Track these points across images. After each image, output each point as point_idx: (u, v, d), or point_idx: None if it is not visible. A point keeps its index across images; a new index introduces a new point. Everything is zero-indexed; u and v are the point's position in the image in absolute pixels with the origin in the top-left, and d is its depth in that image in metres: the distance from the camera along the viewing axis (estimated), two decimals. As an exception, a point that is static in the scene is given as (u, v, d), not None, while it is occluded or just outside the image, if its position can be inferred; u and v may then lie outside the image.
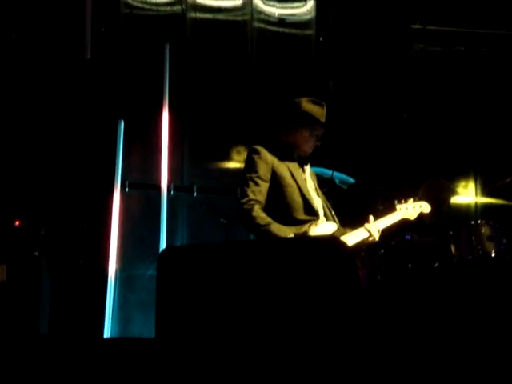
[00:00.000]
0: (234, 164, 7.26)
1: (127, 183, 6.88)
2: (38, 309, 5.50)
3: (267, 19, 7.43)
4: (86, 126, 6.75)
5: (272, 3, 7.44)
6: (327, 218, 4.65)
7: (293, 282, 3.02)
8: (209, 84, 7.16)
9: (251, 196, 4.48)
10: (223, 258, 3.12)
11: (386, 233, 4.71)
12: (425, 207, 4.98)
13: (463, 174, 7.32)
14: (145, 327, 6.38)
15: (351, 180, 6.02)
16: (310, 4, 7.45)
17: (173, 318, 2.98)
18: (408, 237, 5.41)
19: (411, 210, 4.90)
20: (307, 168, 4.79)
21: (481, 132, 7.34)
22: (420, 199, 5.02)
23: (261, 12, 7.41)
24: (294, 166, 4.68)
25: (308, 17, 7.46)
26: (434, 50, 7.50)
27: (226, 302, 3.02)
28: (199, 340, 2.94)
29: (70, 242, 6.57)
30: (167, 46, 6.90)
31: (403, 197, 4.96)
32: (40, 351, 3.55)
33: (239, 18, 7.37)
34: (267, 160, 4.58)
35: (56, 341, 3.99)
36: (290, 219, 4.50)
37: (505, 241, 5.11)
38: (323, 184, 5.95)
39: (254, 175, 4.54)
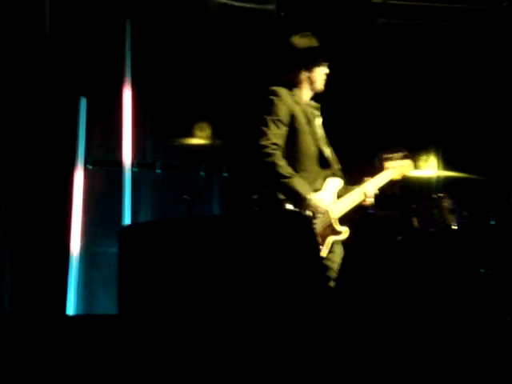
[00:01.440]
0: (198, 141, 7.24)
1: (90, 160, 6.84)
2: (1, 287, 5.47)
3: (229, -7, 7.39)
4: (46, 104, 6.68)
5: (233, -22, 7.40)
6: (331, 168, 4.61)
7: (255, 258, 3.03)
8: (171, 60, 7.12)
9: (273, 139, 4.34)
10: (185, 234, 3.11)
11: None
12: (407, 167, 4.93)
13: (424, 148, 7.37)
14: (109, 304, 6.37)
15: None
16: (271, -21, 7.42)
17: (135, 295, 2.97)
18: (371, 211, 5.45)
19: (398, 169, 4.86)
20: (318, 113, 4.67)
21: (442, 106, 7.38)
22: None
23: (223, -14, 7.37)
24: (310, 111, 4.59)
25: (269, -9, 7.44)
26: (396, 24, 7.51)
27: (188, 278, 3.02)
28: (162, 316, 2.94)
29: (32, 220, 6.52)
30: (128, 22, 6.84)
31: (389, 153, 4.89)
32: (2, 329, 3.53)
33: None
34: (287, 102, 4.46)
35: (18, 318, 3.97)
36: (302, 167, 4.45)
37: (466, 213, 5.16)
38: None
39: (274, 117, 4.40)
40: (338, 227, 4.45)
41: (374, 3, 7.45)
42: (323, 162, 4.52)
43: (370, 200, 4.61)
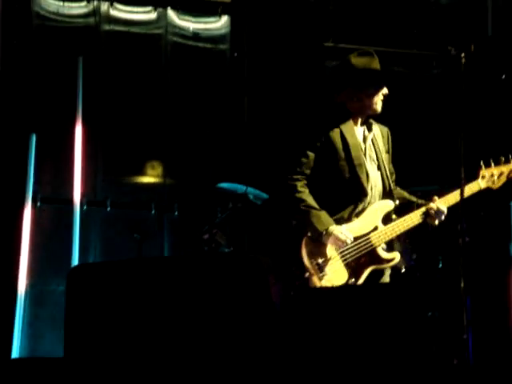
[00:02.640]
0: (149, 179, 7.22)
1: (39, 197, 6.77)
2: None
3: (182, 33, 7.41)
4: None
5: (187, 17, 7.43)
6: (384, 194, 4.48)
7: (205, 300, 3.01)
8: (123, 98, 7.11)
9: (298, 169, 4.36)
10: (134, 276, 3.09)
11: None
12: None
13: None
14: (57, 344, 6.27)
15: (265, 195, 6.05)
16: (225, 19, 7.47)
17: (82, 336, 2.94)
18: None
19: (496, 176, 4.59)
20: (370, 133, 4.54)
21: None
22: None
23: (175, 26, 7.39)
24: (353, 134, 4.46)
25: (222, 32, 7.48)
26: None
27: (136, 320, 2.99)
28: (108, 358, 2.91)
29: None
30: (80, 59, 6.82)
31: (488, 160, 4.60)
32: None
33: (154, 32, 7.34)
34: (324, 133, 4.42)
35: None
36: (332, 195, 4.38)
37: (414, 256, 5.20)
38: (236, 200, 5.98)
39: (307, 149, 4.41)
40: (382, 254, 4.37)
41: (326, 46, 7.54)
42: (358, 190, 4.40)
43: (437, 218, 4.43)
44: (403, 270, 4.95)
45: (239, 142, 7.13)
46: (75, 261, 6.44)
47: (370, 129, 4.55)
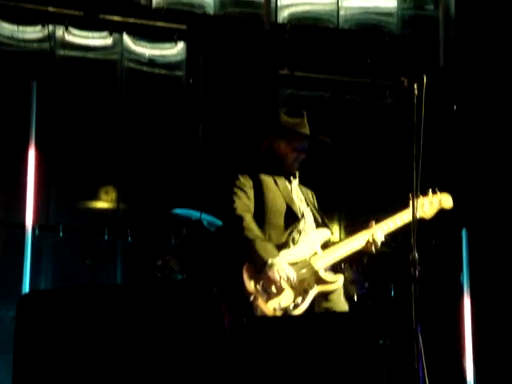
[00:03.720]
0: (102, 204, 7.18)
1: (-10, 221, 6.70)
2: None
3: (138, 59, 7.42)
4: None
5: (142, 43, 7.44)
6: (318, 225, 4.63)
7: (158, 328, 3.00)
8: (78, 123, 7.08)
9: (238, 202, 4.49)
10: (86, 303, 3.07)
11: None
12: (445, 201, 4.75)
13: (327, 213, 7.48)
14: (5, 373, 6.18)
15: (219, 222, 6.04)
16: (181, 46, 7.49)
17: (31, 366, 2.91)
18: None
19: (427, 205, 4.70)
20: (294, 180, 4.73)
21: (346, 173, 7.54)
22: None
23: (131, 52, 7.40)
24: (278, 177, 4.65)
25: (178, 58, 7.50)
26: (301, 95, 7.66)
27: (88, 348, 2.97)
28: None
29: None
30: (34, 84, 6.77)
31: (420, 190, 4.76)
32: None
33: (109, 58, 7.34)
34: (246, 181, 4.60)
35: None
36: (270, 223, 4.49)
37: (367, 284, 5.23)
38: (191, 227, 5.96)
39: (236, 189, 4.57)
40: (325, 276, 4.44)
41: (282, 74, 7.60)
42: (292, 217, 4.54)
43: (375, 246, 4.52)
44: (355, 298, 4.98)
45: (194, 168, 7.13)
46: (26, 286, 6.36)
47: (294, 178, 4.76)
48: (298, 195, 4.73)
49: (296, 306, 4.33)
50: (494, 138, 7.47)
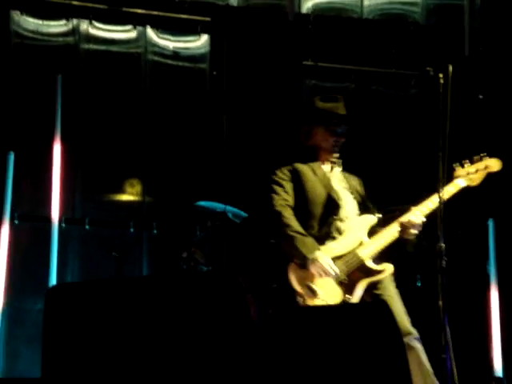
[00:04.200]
0: (127, 197, 7.20)
1: (16, 215, 6.73)
2: None
3: (161, 52, 7.43)
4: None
5: (166, 36, 7.45)
6: (362, 210, 4.56)
7: (185, 320, 3.00)
8: (102, 116, 7.11)
9: (276, 198, 4.48)
10: (113, 295, 3.08)
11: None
12: (493, 165, 4.66)
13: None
14: (34, 364, 6.23)
15: (244, 214, 6.05)
16: (204, 38, 7.49)
17: (59, 357, 2.92)
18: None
19: (473, 173, 4.62)
20: (336, 167, 4.70)
21: (372, 163, 7.50)
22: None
23: (155, 45, 7.41)
24: (317, 166, 4.63)
25: (202, 51, 7.50)
26: (326, 86, 7.63)
27: (116, 341, 2.97)
28: (87, 380, 2.89)
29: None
30: (59, 77, 6.81)
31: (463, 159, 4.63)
32: None
33: (133, 51, 7.36)
34: (284, 174, 4.60)
35: None
36: (311, 214, 4.45)
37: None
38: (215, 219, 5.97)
39: (274, 185, 4.56)
40: (373, 266, 4.37)
41: (306, 65, 7.58)
42: (332, 205, 4.49)
43: (414, 231, 4.43)
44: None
45: (218, 160, 7.13)
46: (53, 279, 6.41)
47: (335, 165, 4.72)
48: (340, 183, 4.66)
49: (345, 303, 4.24)
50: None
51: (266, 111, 7.27)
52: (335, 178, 4.66)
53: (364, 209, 4.61)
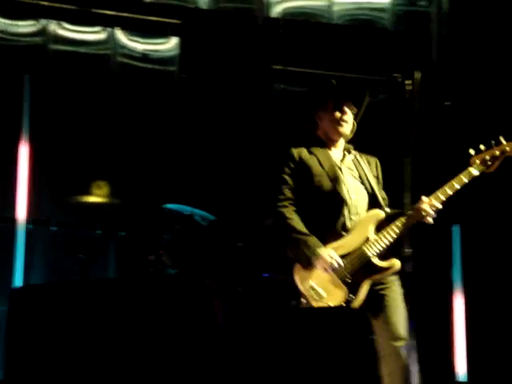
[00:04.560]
0: (94, 199, 7.15)
1: (-19, 216, 6.69)
2: None
3: (130, 54, 7.41)
4: None
5: (135, 38, 7.42)
6: (372, 203, 4.47)
7: (151, 322, 3.00)
8: (70, 118, 7.06)
9: (283, 196, 4.44)
10: (79, 297, 3.07)
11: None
12: (510, 148, 4.54)
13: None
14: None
15: (211, 217, 6.05)
16: (174, 41, 7.48)
17: (22, 361, 2.90)
18: (266, 275, 5.47)
19: (488, 160, 4.53)
20: (348, 155, 4.63)
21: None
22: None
23: (124, 47, 7.38)
24: (325, 156, 4.55)
25: (171, 53, 7.48)
26: (294, 91, 7.66)
27: (80, 344, 2.97)
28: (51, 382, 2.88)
29: None
30: (27, 78, 6.77)
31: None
32: None
33: (102, 52, 7.32)
34: (295, 157, 4.53)
35: None
36: (318, 210, 4.39)
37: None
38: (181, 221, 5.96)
39: (284, 175, 4.50)
40: (379, 263, 4.31)
41: (275, 69, 7.60)
42: (336, 199, 4.42)
43: (429, 217, 4.36)
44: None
45: (186, 163, 7.12)
46: (18, 281, 6.36)
47: (349, 153, 4.65)
48: (351, 172, 4.57)
49: (349, 303, 4.22)
50: (486, 134, 7.48)
51: (235, 114, 7.28)
52: (346, 168, 4.58)
53: (374, 201, 4.51)
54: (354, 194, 4.48)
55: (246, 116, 7.24)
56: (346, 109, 4.59)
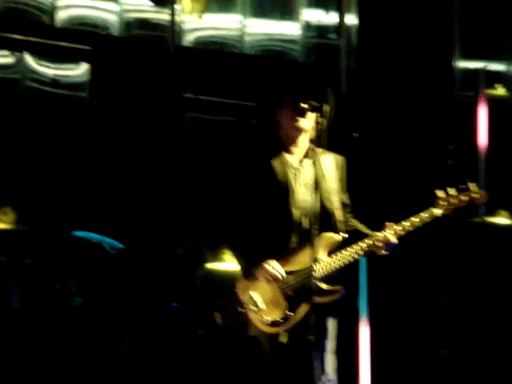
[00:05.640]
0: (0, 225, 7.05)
1: None
2: None
3: (40, 79, 7.33)
4: None
5: (45, 63, 7.36)
6: (328, 213, 4.27)
7: (57, 353, 2.97)
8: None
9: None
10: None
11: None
12: (479, 196, 4.33)
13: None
14: None
15: (120, 245, 6.02)
16: (85, 67, 7.44)
17: None
18: (174, 304, 5.45)
19: (455, 203, 4.32)
20: (305, 160, 4.36)
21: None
22: None
23: (34, 71, 7.30)
24: (280, 163, 4.35)
25: (82, 79, 7.44)
26: (206, 119, 7.69)
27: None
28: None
29: None
30: None
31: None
32: None
33: (11, 76, 7.23)
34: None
35: None
36: (266, 225, 4.24)
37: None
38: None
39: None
40: (324, 286, 4.20)
41: (186, 98, 7.62)
42: (290, 217, 4.23)
43: (384, 250, 4.26)
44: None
45: (95, 189, 7.06)
46: None
47: (311, 156, 4.34)
48: (307, 180, 4.31)
49: (286, 320, 4.13)
50: (394, 163, 7.64)
51: (146, 142, 7.27)
52: (302, 175, 4.36)
53: (329, 210, 4.30)
54: (308, 207, 4.27)
55: (157, 143, 7.23)
56: (305, 105, 4.44)
